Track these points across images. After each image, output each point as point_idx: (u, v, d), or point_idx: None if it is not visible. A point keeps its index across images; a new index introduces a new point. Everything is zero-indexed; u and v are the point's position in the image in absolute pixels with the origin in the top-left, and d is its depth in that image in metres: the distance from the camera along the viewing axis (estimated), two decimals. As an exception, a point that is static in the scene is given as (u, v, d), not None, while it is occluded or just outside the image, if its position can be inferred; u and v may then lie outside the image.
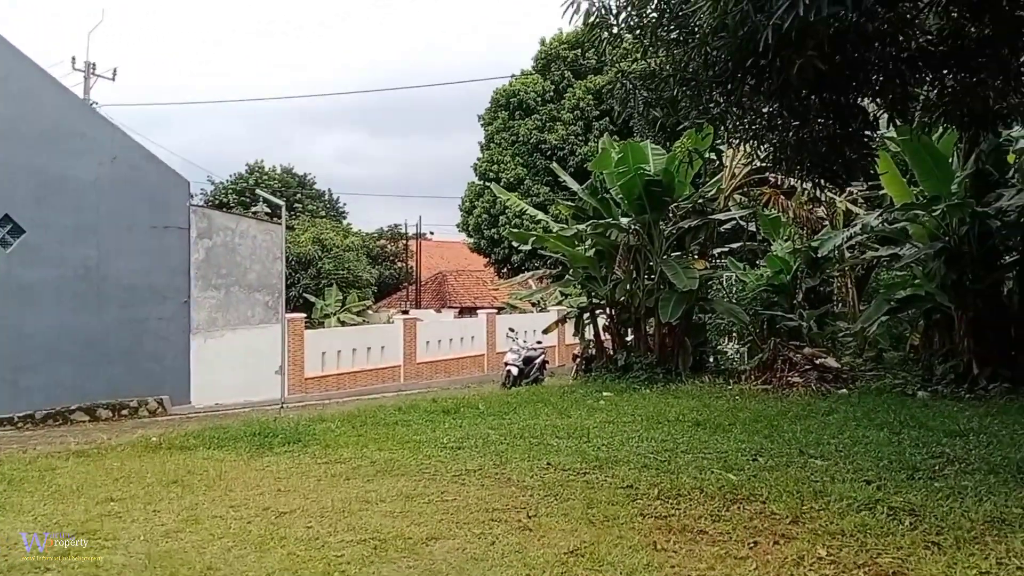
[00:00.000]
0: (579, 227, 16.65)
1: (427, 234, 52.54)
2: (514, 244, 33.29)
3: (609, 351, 17.37)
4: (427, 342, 28.73)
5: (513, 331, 21.60)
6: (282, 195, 40.64)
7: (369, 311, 35.83)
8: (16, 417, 16.79)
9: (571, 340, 25.58)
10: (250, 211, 31.09)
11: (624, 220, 15.90)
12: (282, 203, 21.81)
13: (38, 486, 7.73)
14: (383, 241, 46.90)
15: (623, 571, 4.89)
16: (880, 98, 7.56)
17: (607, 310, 17.45)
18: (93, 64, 33.50)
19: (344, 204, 53.06)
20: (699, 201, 16.36)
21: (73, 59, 33.21)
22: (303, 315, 25.85)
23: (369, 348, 26.44)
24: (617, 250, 16.05)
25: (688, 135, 12.91)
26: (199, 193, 45.47)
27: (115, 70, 34.39)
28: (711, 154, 14.73)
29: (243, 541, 5.68)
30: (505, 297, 41.00)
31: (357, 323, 32.32)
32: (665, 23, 7.35)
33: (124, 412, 18.29)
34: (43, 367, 17.46)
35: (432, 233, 55.04)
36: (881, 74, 7.20)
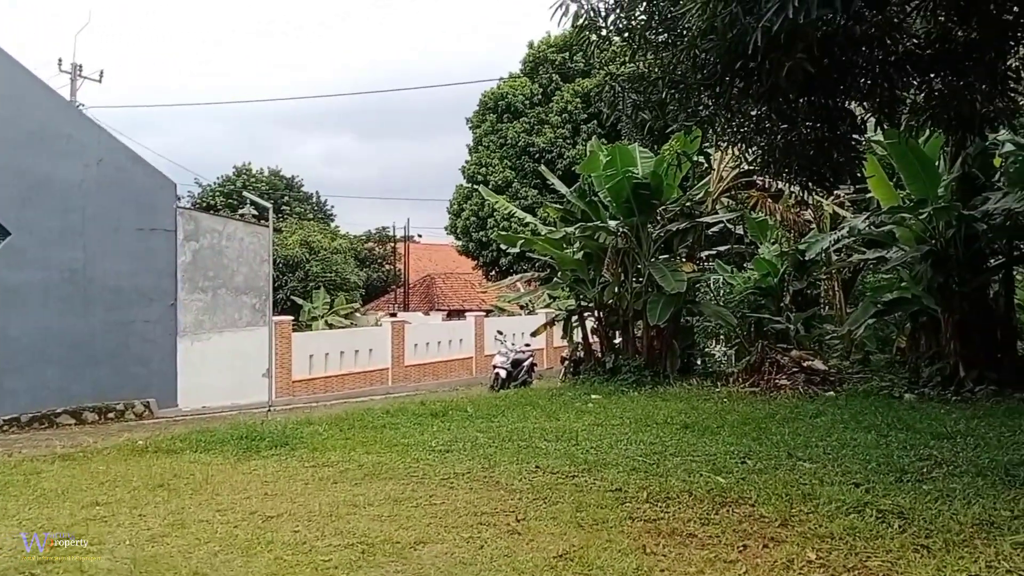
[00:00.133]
0: (567, 230, 16.64)
1: (415, 236, 52.50)
2: (502, 247, 33.26)
3: (597, 354, 17.38)
4: (415, 345, 28.69)
5: (501, 334, 21.61)
6: (269, 197, 40.51)
7: (357, 314, 35.77)
8: (1, 420, 16.66)
9: (559, 343, 25.59)
10: (237, 213, 30.96)
11: (612, 223, 15.92)
12: (269, 205, 21.78)
13: (23, 490, 7.67)
14: (371, 244, 46.85)
15: None
16: (867, 101, 7.59)
17: (595, 313, 17.47)
18: (80, 66, 33.41)
19: (332, 207, 53.07)
20: (687, 204, 16.41)
21: (59, 61, 33.20)
22: (291, 318, 25.77)
23: (357, 351, 26.39)
24: (605, 253, 16.08)
25: (676, 138, 12.92)
26: (186, 195, 45.32)
27: (101, 72, 34.37)
28: (699, 157, 14.72)
29: (230, 546, 5.64)
30: (493, 300, 40.99)
31: (345, 326, 32.24)
32: (654, 25, 7.35)
33: (110, 415, 18.17)
34: (28, 370, 17.34)
35: (420, 236, 54.99)
36: (868, 77, 7.22)
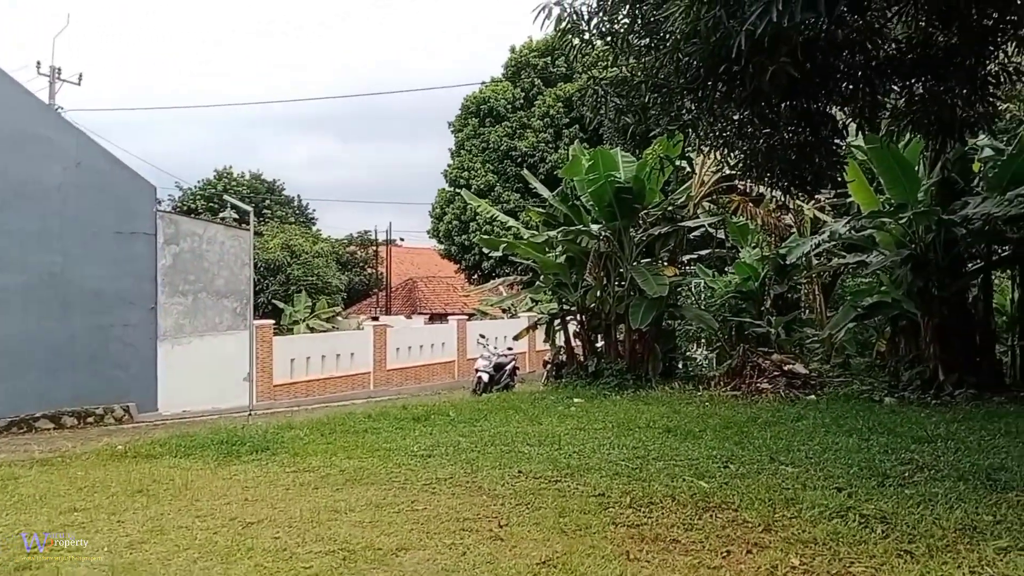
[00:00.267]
0: (550, 234, 16.63)
1: (397, 240, 52.41)
2: (485, 250, 33.13)
3: (580, 357, 17.38)
4: (397, 349, 28.60)
5: (484, 337, 21.56)
6: (251, 201, 40.40)
7: (339, 317, 35.65)
8: (-21, 425, 16.46)
9: (542, 346, 25.57)
10: (218, 217, 30.83)
11: (595, 227, 15.91)
12: (250, 209, 21.68)
13: (0, 496, 7.57)
14: (353, 247, 46.77)
15: (596, 582, 4.85)
16: (848, 106, 7.61)
17: (578, 316, 17.46)
18: (58, 69, 33.09)
19: (314, 210, 52.96)
20: (669, 208, 16.45)
21: (38, 64, 32.71)
22: (272, 321, 25.64)
23: (339, 355, 26.28)
24: (588, 257, 16.07)
25: (659, 142, 12.96)
26: (167, 199, 45.21)
27: (80, 75, 34.01)
28: (681, 161, 14.77)
29: (209, 552, 5.58)
30: (476, 303, 40.98)
31: (326, 329, 32.12)
32: (636, 29, 7.35)
33: (90, 420, 17.99)
34: (7, 374, 17.12)
35: (402, 239, 54.92)
36: (850, 82, 7.25)
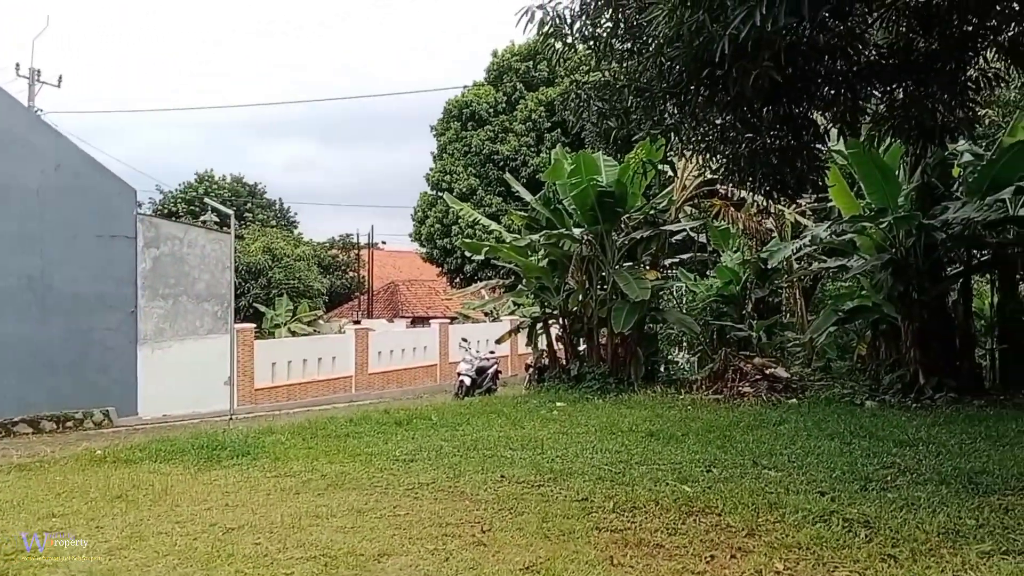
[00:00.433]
0: (532, 237, 16.61)
1: (379, 244, 52.34)
2: (467, 254, 33.15)
3: (562, 361, 17.36)
4: (379, 352, 28.54)
5: (466, 341, 21.53)
6: (232, 204, 40.19)
7: (320, 321, 35.54)
8: (-44, 430, 16.31)
9: (524, 350, 25.60)
10: (199, 220, 30.63)
11: (577, 231, 15.92)
12: (231, 212, 21.55)
13: (-24, 502, 7.48)
14: (335, 251, 46.68)
15: (580, 588, 4.83)
16: (829, 111, 7.64)
17: (560, 320, 17.45)
18: (38, 71, 32.86)
19: (295, 213, 52.69)
20: (651, 212, 16.47)
21: (17, 66, 32.52)
22: (253, 325, 25.56)
23: (320, 358, 26.22)
24: (570, 260, 16.08)
25: (642, 146, 12.92)
26: (148, 202, 44.94)
27: (60, 77, 33.82)
28: (663, 165, 14.79)
29: (189, 559, 5.52)
30: (458, 307, 40.91)
31: (308, 333, 32.02)
32: (619, 33, 7.35)
33: (69, 424, 17.88)
34: (-15, 378, 17.02)
35: (384, 243, 54.79)
36: (831, 87, 7.27)
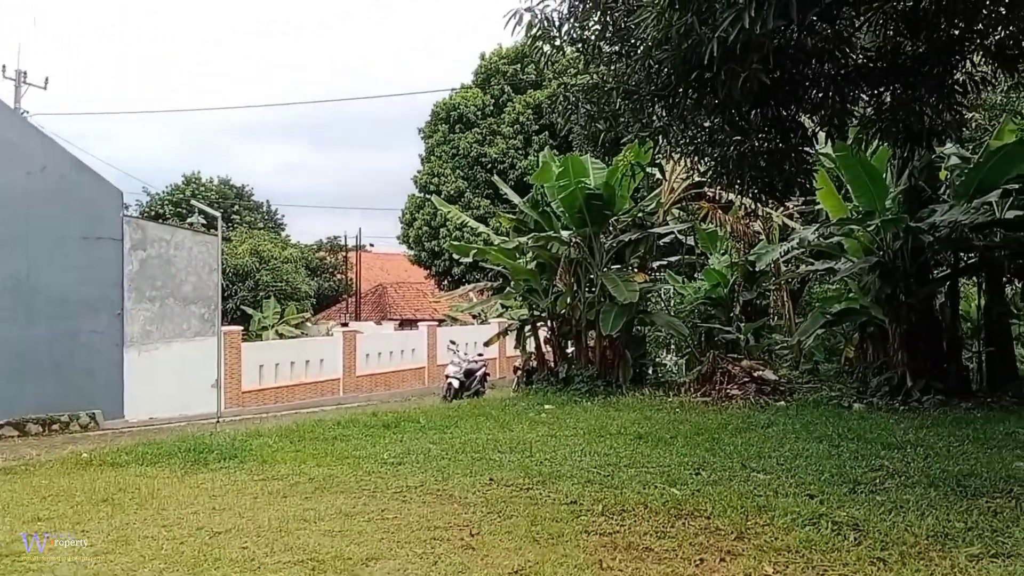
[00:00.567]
0: (520, 240, 16.61)
1: (367, 246, 52.21)
2: (455, 256, 33.20)
3: (550, 363, 17.36)
4: (367, 355, 28.44)
5: (454, 343, 21.50)
6: (219, 207, 40.13)
7: (308, 323, 35.45)
8: (-59, 433, 16.19)
9: (512, 352, 25.55)
10: (186, 222, 30.52)
11: (565, 233, 15.92)
12: (218, 214, 21.42)
13: (-39, 506, 7.42)
14: (322, 253, 46.55)
15: (569, 592, 4.81)
16: (817, 114, 7.66)
17: (548, 322, 17.45)
18: (24, 73, 32.65)
19: (283, 216, 52.57)
20: (639, 215, 16.48)
21: (3, 68, 32.27)
22: (240, 328, 25.44)
23: (308, 361, 26.10)
24: (558, 263, 16.07)
25: (630, 148, 12.97)
26: (135, 204, 44.76)
27: (46, 79, 33.59)
28: (651, 168, 14.81)
29: (175, 563, 5.49)
30: (446, 309, 40.89)
31: (295, 336, 31.93)
32: (608, 36, 7.35)
33: (55, 427, 17.77)
34: (-30, 382, 16.90)
35: (372, 245, 54.75)
36: (819, 90, 7.29)
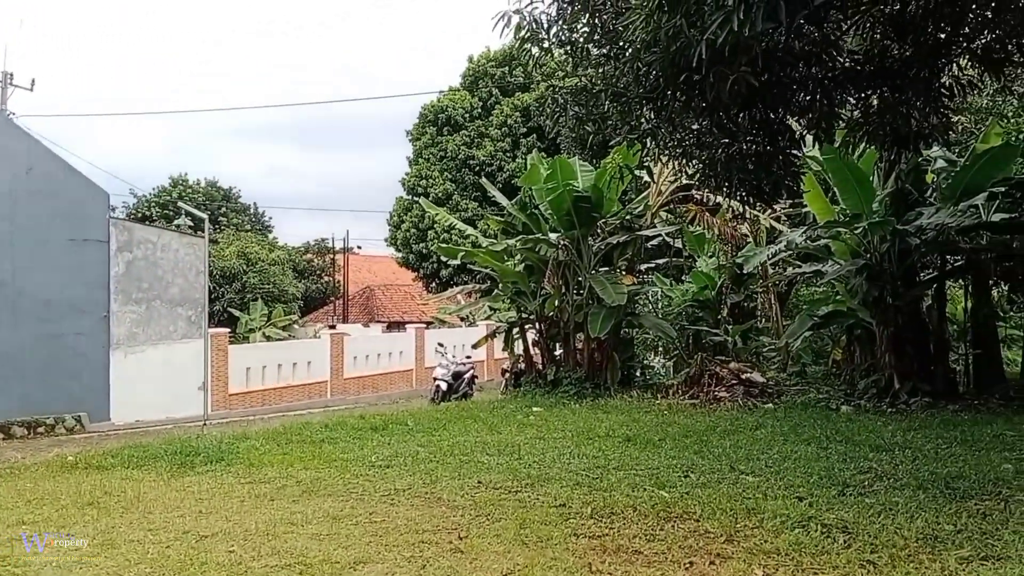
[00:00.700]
0: (508, 242, 16.61)
1: (355, 248, 52.05)
2: (443, 259, 33.17)
3: (538, 366, 17.35)
4: (355, 357, 28.36)
5: (442, 346, 21.49)
6: (206, 208, 39.99)
7: (295, 326, 35.36)
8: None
9: (500, 355, 25.56)
10: (173, 224, 30.41)
11: (553, 235, 15.92)
12: (205, 216, 21.37)
13: (-56, 510, 7.35)
14: (310, 255, 46.40)
15: (559, 595, 4.79)
16: (805, 117, 7.67)
17: (536, 325, 17.44)
18: (10, 74, 32.40)
19: (270, 218, 52.40)
20: (627, 217, 16.51)
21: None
22: (227, 330, 25.35)
23: (295, 363, 26.01)
24: (546, 265, 16.06)
25: (618, 150, 12.99)
26: (121, 206, 44.57)
27: (33, 81, 33.33)
28: (640, 171, 14.83)
29: (161, 567, 5.45)
30: (434, 312, 40.83)
31: (283, 338, 31.83)
32: (596, 38, 7.35)
33: (40, 430, 17.71)
34: (-46, 384, 16.80)
35: (360, 247, 54.51)
36: (807, 93, 7.30)
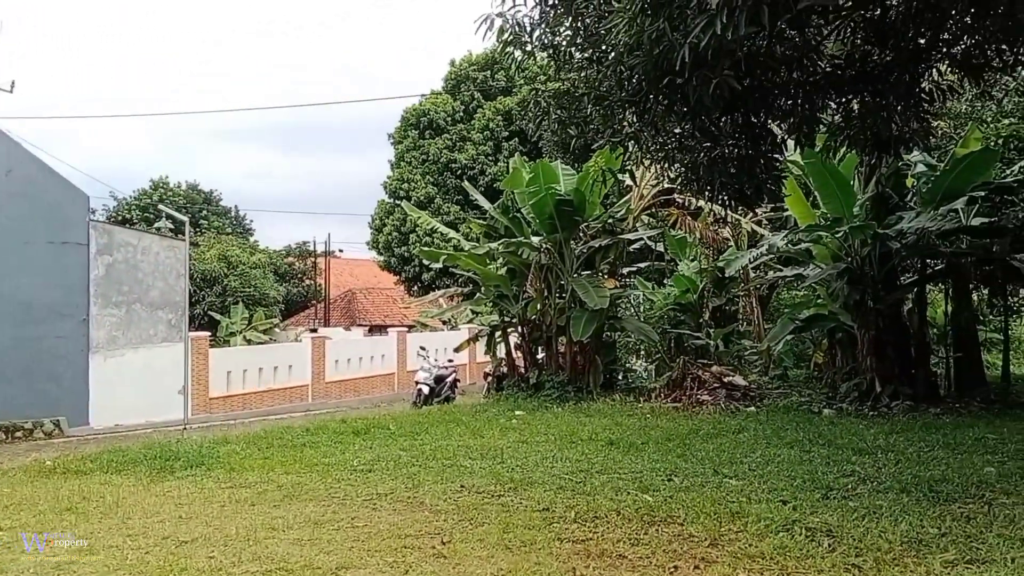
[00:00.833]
0: (490, 245, 16.60)
1: (336, 251, 51.99)
2: (425, 262, 33.04)
3: (521, 369, 17.32)
4: (336, 361, 28.29)
5: (424, 349, 21.43)
6: (187, 211, 39.81)
7: (276, 329, 35.25)
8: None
9: (483, 358, 25.47)
10: (153, 227, 30.24)
11: (535, 239, 15.92)
12: (186, 219, 21.29)
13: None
14: (291, 258, 46.28)
15: (542, 600, 4.76)
16: (786, 121, 7.70)
17: (519, 328, 17.41)
18: (-10, 77, 32.21)
19: (251, 221, 52.38)
20: (609, 221, 16.54)
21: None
22: (208, 333, 25.23)
23: (276, 367, 25.93)
24: (528, 268, 16.05)
25: (601, 154, 12.99)
26: (101, 209, 44.33)
27: (13, 83, 32.94)
28: (622, 175, 14.85)
29: (141, 572, 5.39)
30: (416, 315, 40.77)
31: (264, 341, 31.75)
32: (579, 42, 7.35)
33: (18, 434, 17.58)
34: (-69, 388, 16.64)
35: (341, 251, 54.53)
36: (788, 97, 7.33)
